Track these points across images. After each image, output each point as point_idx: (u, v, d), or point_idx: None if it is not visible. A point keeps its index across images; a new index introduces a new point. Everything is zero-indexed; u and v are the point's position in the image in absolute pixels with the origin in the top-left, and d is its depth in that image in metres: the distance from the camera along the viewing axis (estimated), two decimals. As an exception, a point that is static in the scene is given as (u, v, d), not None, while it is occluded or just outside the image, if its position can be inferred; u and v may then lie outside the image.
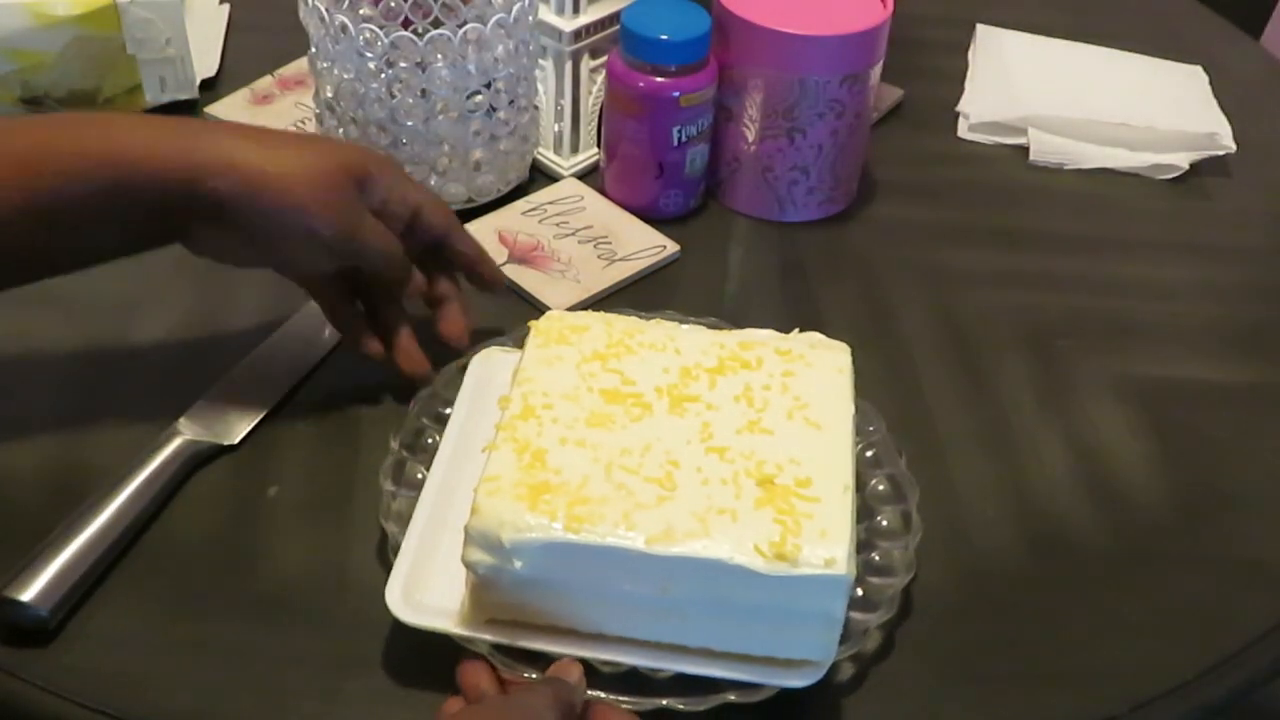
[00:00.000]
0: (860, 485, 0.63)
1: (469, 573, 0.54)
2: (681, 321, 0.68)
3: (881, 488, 0.64)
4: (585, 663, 0.55)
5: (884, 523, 0.62)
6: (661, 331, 0.63)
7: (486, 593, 0.54)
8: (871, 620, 0.57)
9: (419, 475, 0.62)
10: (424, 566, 0.58)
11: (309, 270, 0.67)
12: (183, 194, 0.59)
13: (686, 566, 0.52)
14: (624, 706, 0.54)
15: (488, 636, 0.55)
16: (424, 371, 0.68)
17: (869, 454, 0.65)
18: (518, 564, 0.52)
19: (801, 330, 0.64)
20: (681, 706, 0.54)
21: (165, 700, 0.56)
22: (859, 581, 0.59)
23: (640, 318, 0.65)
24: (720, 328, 0.66)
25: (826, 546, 0.52)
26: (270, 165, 0.60)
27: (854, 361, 0.62)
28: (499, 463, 0.55)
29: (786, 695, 0.55)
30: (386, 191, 0.65)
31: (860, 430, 0.65)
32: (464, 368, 0.67)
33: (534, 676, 0.54)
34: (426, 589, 0.57)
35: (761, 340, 0.63)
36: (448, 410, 0.65)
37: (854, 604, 0.58)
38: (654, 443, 0.56)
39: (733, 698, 0.55)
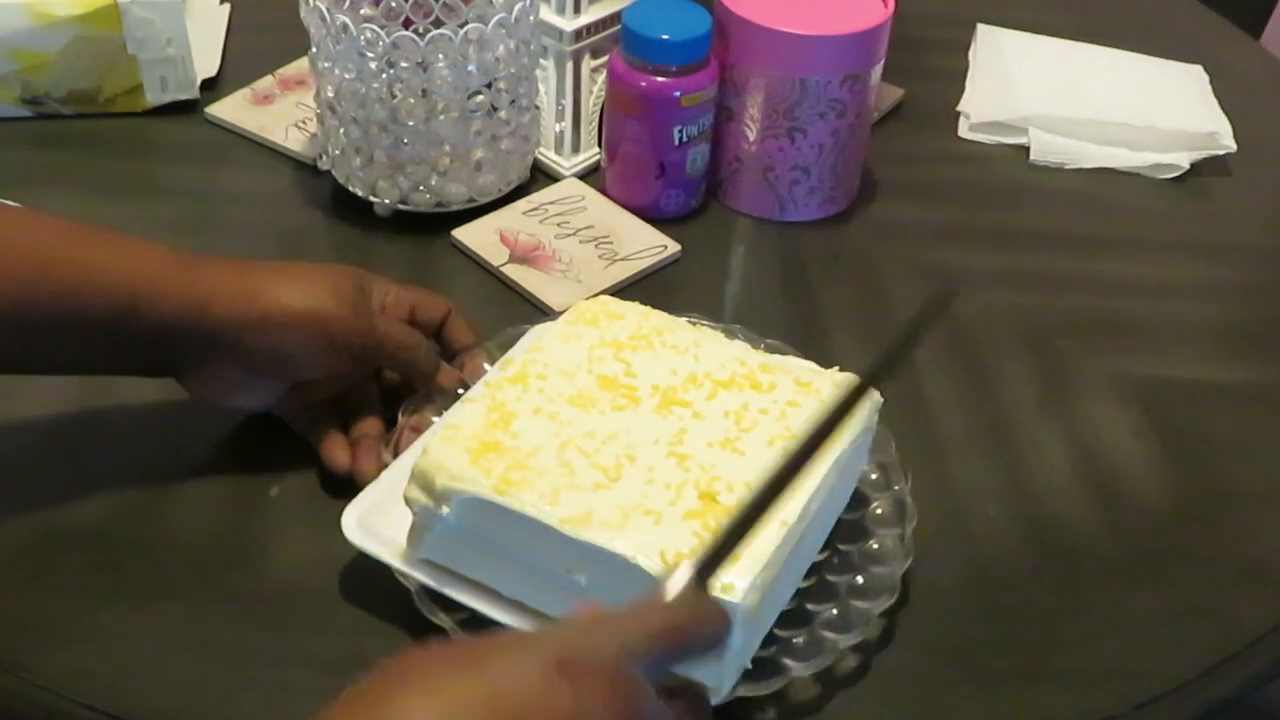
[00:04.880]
0: (863, 503, 0.63)
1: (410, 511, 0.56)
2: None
3: (874, 476, 0.64)
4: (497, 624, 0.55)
5: (879, 510, 0.62)
6: (691, 336, 0.63)
7: (421, 534, 0.56)
8: (875, 608, 0.57)
9: (432, 420, 0.64)
10: (392, 500, 0.59)
11: (324, 380, 0.65)
12: (187, 323, 0.59)
13: (590, 553, 0.52)
14: None
15: (419, 576, 0.56)
16: (376, 467, 0.63)
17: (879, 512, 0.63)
18: (445, 510, 0.54)
19: (827, 368, 0.62)
20: None
21: (165, 700, 0.56)
22: (858, 570, 0.59)
23: (690, 321, 0.65)
24: (717, 328, 0.66)
25: (732, 572, 0.50)
26: (272, 283, 0.61)
27: (881, 409, 0.60)
28: (466, 414, 0.57)
29: (789, 688, 0.55)
30: (384, 294, 0.65)
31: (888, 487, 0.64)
32: (522, 332, 0.69)
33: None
34: (387, 521, 0.58)
35: (788, 367, 0.61)
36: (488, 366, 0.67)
37: (854, 593, 0.58)
38: (622, 434, 0.57)
39: None
